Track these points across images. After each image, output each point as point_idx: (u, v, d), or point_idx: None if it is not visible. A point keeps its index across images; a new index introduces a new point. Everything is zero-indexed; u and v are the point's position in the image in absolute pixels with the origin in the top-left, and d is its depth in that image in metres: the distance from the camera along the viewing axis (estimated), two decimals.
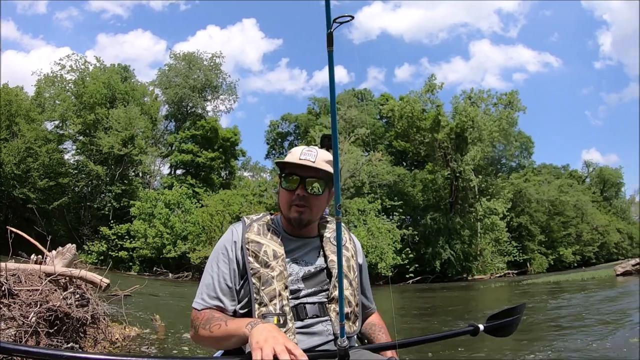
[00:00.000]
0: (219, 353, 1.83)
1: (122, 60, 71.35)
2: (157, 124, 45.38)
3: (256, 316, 1.65)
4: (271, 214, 1.97)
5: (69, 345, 5.15)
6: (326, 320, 1.74)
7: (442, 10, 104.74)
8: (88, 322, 5.67)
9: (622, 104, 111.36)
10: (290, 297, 1.71)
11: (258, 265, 1.73)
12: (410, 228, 37.80)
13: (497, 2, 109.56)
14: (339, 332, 1.48)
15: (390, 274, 31.66)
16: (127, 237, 34.12)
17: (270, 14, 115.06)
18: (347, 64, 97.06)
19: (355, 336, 1.88)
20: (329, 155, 1.87)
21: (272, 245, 1.78)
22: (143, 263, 33.44)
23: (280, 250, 1.78)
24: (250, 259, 1.74)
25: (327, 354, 1.55)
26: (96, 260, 31.92)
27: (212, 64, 48.47)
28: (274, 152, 61.45)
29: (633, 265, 21.61)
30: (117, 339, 6.38)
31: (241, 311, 1.72)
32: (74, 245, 7.50)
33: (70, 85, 39.17)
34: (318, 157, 1.82)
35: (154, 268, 32.48)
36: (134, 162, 39.55)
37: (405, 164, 49.52)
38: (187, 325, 8.10)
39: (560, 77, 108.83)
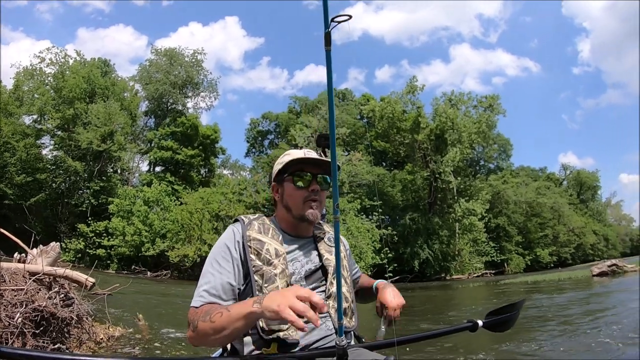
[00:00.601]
0: (217, 353, 1.89)
1: (102, 55, 70.40)
2: (136, 120, 45.06)
3: None
4: (266, 215, 2.00)
5: (55, 346, 5.10)
6: (325, 317, 1.77)
7: (423, 13, 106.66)
8: (73, 323, 5.60)
9: (599, 109, 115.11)
10: None
11: (260, 263, 1.74)
12: (389, 228, 38.20)
13: (478, 7, 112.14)
14: (337, 328, 1.49)
15: (369, 273, 32.04)
16: (105, 234, 33.87)
17: (253, 12, 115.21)
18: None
19: (353, 332, 1.91)
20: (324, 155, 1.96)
21: (273, 244, 1.81)
22: (121, 261, 33.27)
23: (282, 249, 1.82)
24: (253, 256, 1.76)
25: (326, 352, 1.57)
26: (73, 258, 31.16)
27: (193, 60, 48.43)
28: (254, 150, 61.66)
29: (609, 267, 22.29)
30: (101, 339, 6.31)
31: None
32: (58, 243, 7.57)
33: (49, 79, 38.52)
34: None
35: (132, 266, 32.33)
36: (113, 159, 39.25)
37: (385, 164, 50.04)
38: (172, 325, 8.41)
39: (538, 81, 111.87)
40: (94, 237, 33.88)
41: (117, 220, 33.71)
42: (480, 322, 2.04)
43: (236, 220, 1.91)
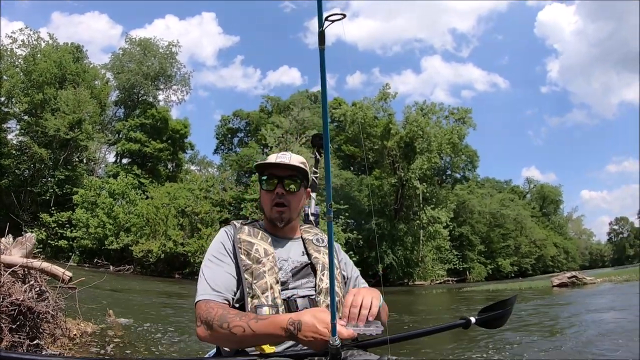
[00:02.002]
0: (211, 353, 1.95)
1: (75, 41, 69.40)
2: (105, 110, 44.53)
3: (249, 309, 1.72)
4: (257, 220, 2.09)
5: (34, 342, 5.05)
6: None
7: (398, 23, 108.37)
8: (49, 317, 5.48)
9: (563, 128, 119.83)
10: (281, 289, 1.80)
11: (250, 262, 1.81)
12: (355, 232, 38.97)
13: (452, 21, 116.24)
14: (330, 327, 1.48)
15: None
16: (68, 225, 33.44)
17: (231, 10, 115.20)
18: (301, 66, 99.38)
19: None
20: (301, 158, 2.01)
21: (262, 245, 1.88)
22: (83, 254, 32.73)
23: (270, 249, 1.88)
24: (243, 256, 1.82)
25: (319, 351, 1.56)
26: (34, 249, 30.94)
27: (167, 52, 47.95)
28: (223, 147, 61.84)
29: (569, 278, 23.25)
30: (75, 335, 6.19)
31: (236, 305, 1.78)
32: (34, 234, 7.42)
33: (20, 61, 37.41)
34: (292, 159, 1.96)
35: (95, 260, 32.09)
36: (80, 148, 38.53)
37: (352, 168, 50.76)
38: (143, 320, 8.85)
39: (506, 97, 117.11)
40: (57, 228, 33.58)
41: (81, 212, 33.21)
42: (473, 319, 2.07)
43: (228, 224, 2.03)
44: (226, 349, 1.76)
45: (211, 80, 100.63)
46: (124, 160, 44.32)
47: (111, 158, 45.55)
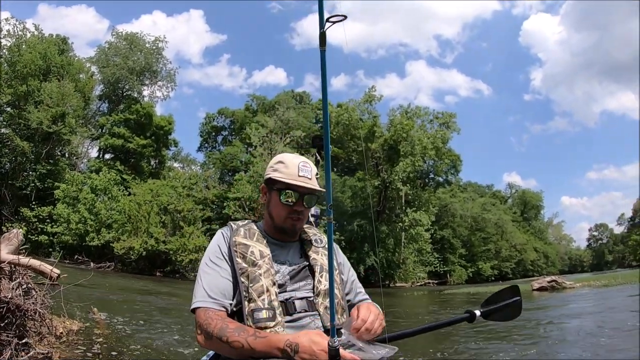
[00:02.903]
0: (211, 353, 1.90)
1: (61, 34, 68.59)
2: (89, 104, 44.17)
3: (246, 312, 1.73)
4: (254, 221, 2.06)
5: (22, 341, 4.92)
6: (314, 315, 1.81)
7: (383, 27, 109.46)
8: (36, 316, 5.30)
9: (545, 135, 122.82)
10: (278, 292, 1.80)
11: (246, 265, 1.80)
12: (337, 233, 39.18)
13: (437, 28, 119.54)
14: (329, 325, 1.55)
15: None
16: (48, 220, 33.17)
17: (219, 8, 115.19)
18: (286, 67, 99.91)
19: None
20: (315, 168, 1.99)
21: (258, 247, 1.87)
22: (64, 250, 31.57)
23: (267, 251, 1.87)
24: (239, 259, 1.81)
25: None
26: None
27: (154, 47, 47.83)
28: (206, 145, 61.76)
29: (548, 282, 23.74)
30: (61, 333, 6.02)
31: (234, 309, 1.79)
32: (21, 230, 7.44)
33: (4, 51, 37.13)
34: (312, 173, 1.94)
35: (76, 256, 31.43)
36: (62, 142, 38.11)
37: (336, 169, 51.00)
38: (128, 318, 9.19)
39: (489, 103, 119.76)
40: (37, 223, 33.22)
41: (62, 207, 32.97)
42: (477, 312, 2.04)
43: (226, 226, 2.02)
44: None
45: (196, 78, 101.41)
46: (107, 156, 44.07)
47: (94, 153, 45.30)
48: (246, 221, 2.03)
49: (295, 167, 1.91)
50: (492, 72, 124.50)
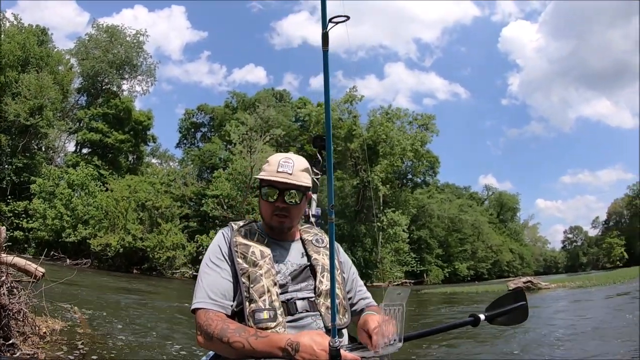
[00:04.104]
0: (211, 353, 1.89)
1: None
2: (68, 97, 43.81)
3: (247, 313, 1.72)
4: (255, 221, 2.06)
5: (9, 342, 4.92)
6: (315, 315, 1.81)
7: (364, 29, 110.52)
8: (21, 316, 5.33)
9: (521, 139, 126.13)
10: (279, 292, 1.79)
11: (246, 265, 1.79)
12: None
13: (417, 31, 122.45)
14: (330, 326, 1.54)
15: None
16: (24, 215, 32.90)
17: (201, 5, 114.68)
18: (266, 65, 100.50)
19: (346, 332, 1.94)
20: (305, 163, 1.97)
21: (258, 247, 1.86)
22: (39, 246, 31.42)
23: (267, 251, 1.86)
24: (239, 260, 1.81)
25: None
26: None
27: (135, 41, 47.42)
28: (185, 141, 61.63)
29: (524, 282, 24.17)
30: (45, 333, 5.95)
31: (235, 309, 1.78)
32: (4, 227, 6.94)
33: None
34: (295, 168, 1.90)
35: (52, 252, 30.34)
36: (39, 135, 37.77)
37: (315, 169, 51.29)
38: (110, 317, 9.58)
39: (467, 107, 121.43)
40: (12, 218, 32.88)
41: (39, 202, 32.72)
42: (482, 316, 2.04)
43: (226, 226, 2.01)
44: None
45: (175, 74, 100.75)
46: (84, 150, 43.69)
47: (71, 147, 44.86)
48: (247, 221, 2.04)
49: (275, 164, 1.92)
50: (470, 76, 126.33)
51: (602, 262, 79.36)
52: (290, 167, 1.89)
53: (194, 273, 34.29)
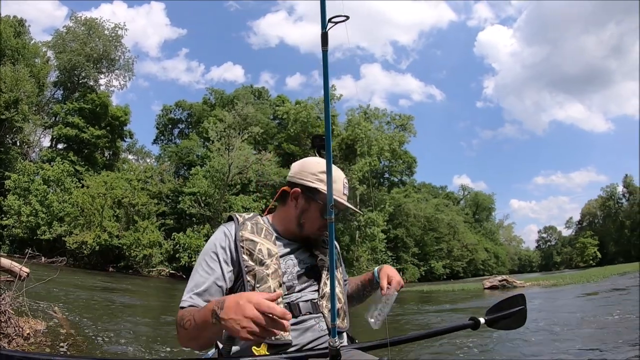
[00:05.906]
0: (210, 353, 1.87)
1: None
2: (44, 90, 43.34)
3: None
4: (260, 215, 1.99)
5: None
6: (319, 317, 1.78)
7: (341, 30, 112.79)
8: (5, 316, 5.28)
9: (495, 141, 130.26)
10: (285, 294, 1.76)
11: (253, 263, 1.74)
12: None
13: (394, 34, 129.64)
14: (331, 329, 1.46)
15: None
16: None
17: (181, 2, 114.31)
18: (244, 64, 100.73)
19: (345, 333, 1.93)
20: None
21: (266, 244, 1.81)
22: (13, 243, 31.61)
23: (275, 249, 1.82)
24: (245, 257, 1.75)
25: (319, 353, 1.57)
26: None
27: (113, 34, 46.87)
28: (162, 138, 61.60)
29: (500, 281, 24.81)
30: (28, 334, 5.85)
31: None
32: None
33: None
34: (346, 187, 1.95)
35: (26, 250, 29.37)
36: (14, 129, 37.25)
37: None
38: (91, 316, 9.76)
39: (441, 109, 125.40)
40: None
41: (13, 198, 32.16)
42: (482, 320, 2.03)
43: (230, 219, 1.92)
44: (221, 350, 1.63)
45: (153, 71, 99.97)
46: (60, 146, 43.14)
47: (46, 142, 44.39)
48: (251, 214, 1.95)
49: (341, 184, 1.91)
50: (446, 78, 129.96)
51: (575, 261, 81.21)
52: (347, 190, 1.95)
53: (171, 271, 34.68)
